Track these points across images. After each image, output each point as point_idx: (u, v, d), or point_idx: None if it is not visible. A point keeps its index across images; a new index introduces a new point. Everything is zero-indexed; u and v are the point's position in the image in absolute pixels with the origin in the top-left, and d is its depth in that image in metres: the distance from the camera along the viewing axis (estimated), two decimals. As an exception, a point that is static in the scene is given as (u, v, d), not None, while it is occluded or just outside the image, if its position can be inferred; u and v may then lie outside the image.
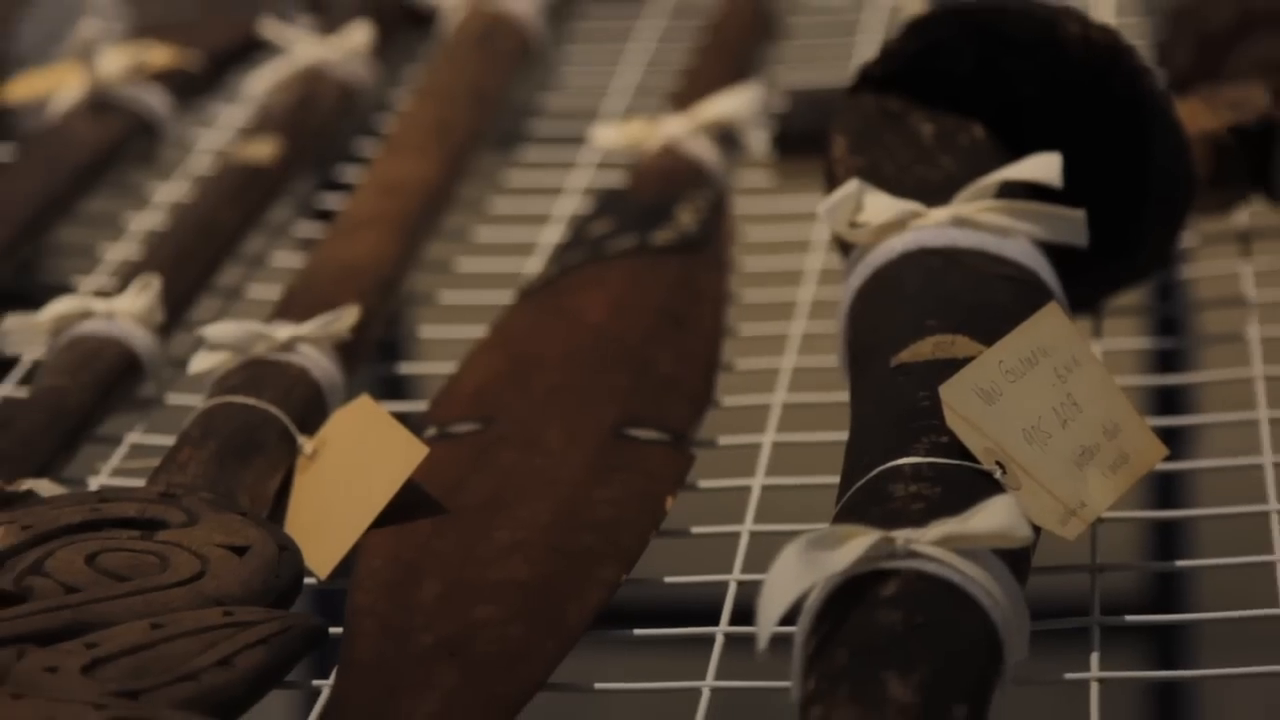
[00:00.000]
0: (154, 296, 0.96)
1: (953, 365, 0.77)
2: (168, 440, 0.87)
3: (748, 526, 0.85)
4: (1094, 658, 0.71)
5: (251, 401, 0.91)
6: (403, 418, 0.90)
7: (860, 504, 0.72)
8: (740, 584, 0.79)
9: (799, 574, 0.64)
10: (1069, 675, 0.70)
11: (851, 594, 0.65)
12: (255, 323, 0.96)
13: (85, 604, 0.71)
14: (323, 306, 0.99)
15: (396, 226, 1.15)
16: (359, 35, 1.35)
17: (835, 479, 0.75)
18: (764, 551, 0.69)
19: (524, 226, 1.22)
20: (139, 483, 0.86)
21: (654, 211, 1.16)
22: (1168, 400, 1.45)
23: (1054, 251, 0.91)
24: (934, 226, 0.88)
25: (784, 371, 1.01)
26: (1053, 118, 0.98)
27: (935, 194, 0.91)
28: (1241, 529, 0.86)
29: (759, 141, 1.26)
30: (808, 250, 1.12)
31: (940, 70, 0.98)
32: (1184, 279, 1.15)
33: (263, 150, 1.22)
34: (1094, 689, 0.69)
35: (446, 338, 1.08)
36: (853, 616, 0.65)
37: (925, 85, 0.99)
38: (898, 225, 0.88)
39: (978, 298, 0.85)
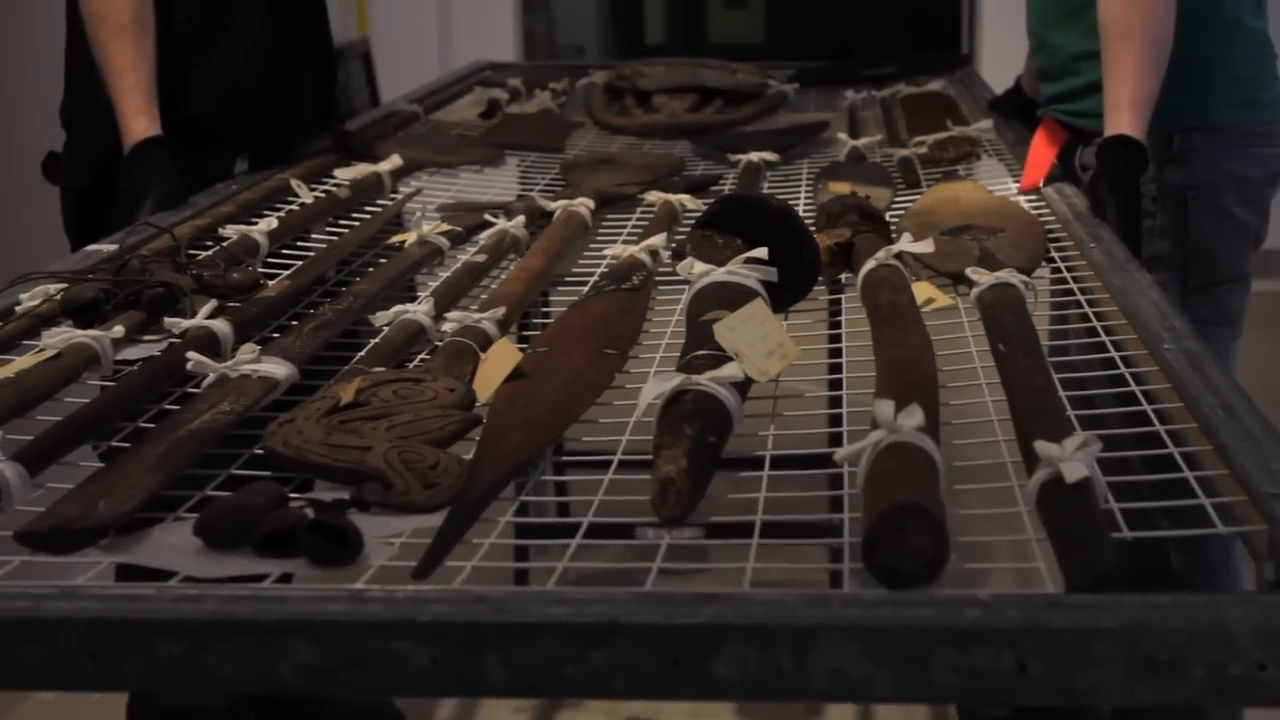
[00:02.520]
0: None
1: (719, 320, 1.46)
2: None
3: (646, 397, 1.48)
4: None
5: (461, 340, 1.60)
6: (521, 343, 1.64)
7: (685, 365, 1.39)
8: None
9: (657, 387, 1.30)
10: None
11: (675, 399, 1.30)
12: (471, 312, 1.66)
13: (390, 406, 1.39)
14: (495, 304, 1.71)
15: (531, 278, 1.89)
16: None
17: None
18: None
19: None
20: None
21: (624, 277, 1.84)
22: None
23: (769, 288, 1.61)
24: (720, 273, 1.61)
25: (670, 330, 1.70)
26: (768, 235, 1.67)
27: (721, 263, 1.65)
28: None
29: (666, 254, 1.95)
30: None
31: (726, 218, 1.72)
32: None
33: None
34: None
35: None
36: (674, 407, 1.29)
37: (720, 224, 1.73)
38: (705, 273, 1.63)
39: (734, 297, 1.56)
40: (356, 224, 2.25)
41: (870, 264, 1.73)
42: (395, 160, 2.49)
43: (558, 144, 2.86)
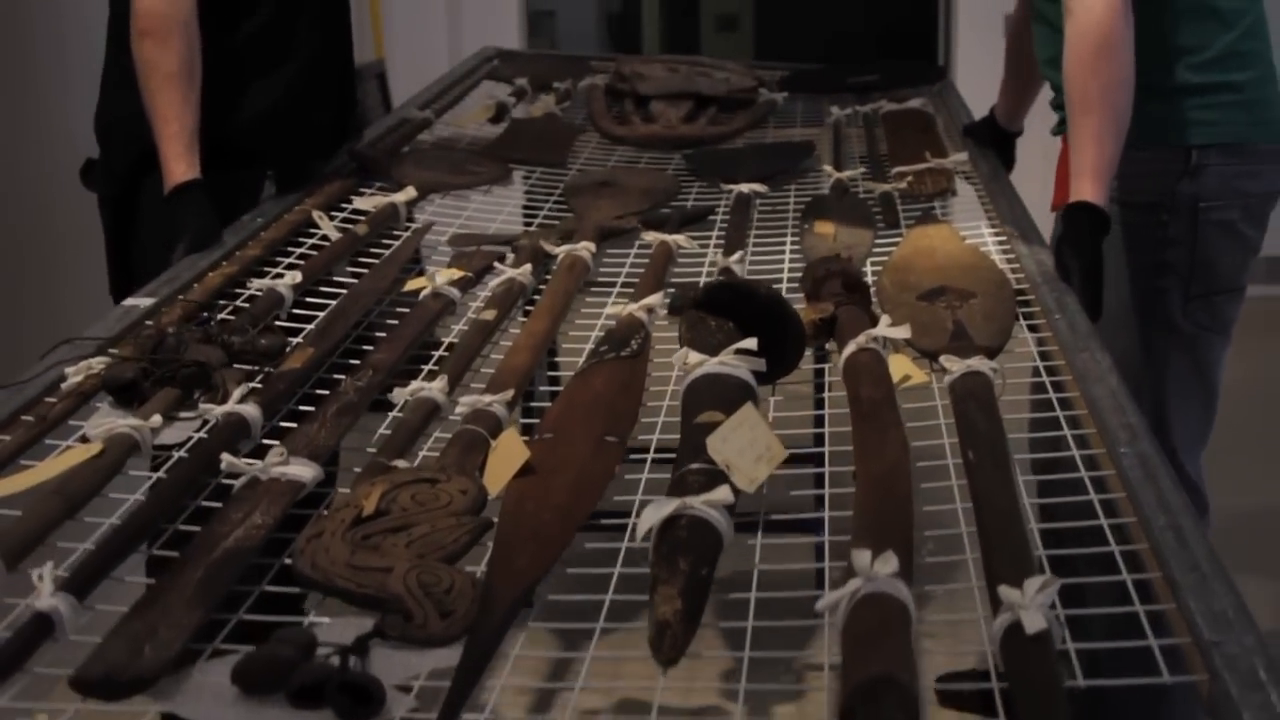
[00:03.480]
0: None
1: (714, 425, 1.48)
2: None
3: (640, 494, 1.54)
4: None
5: (473, 428, 1.62)
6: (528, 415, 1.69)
7: (679, 479, 1.41)
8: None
9: (655, 513, 1.31)
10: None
11: (670, 521, 1.32)
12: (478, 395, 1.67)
13: (408, 516, 1.42)
14: (503, 378, 1.74)
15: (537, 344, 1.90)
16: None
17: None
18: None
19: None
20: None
21: (623, 340, 1.87)
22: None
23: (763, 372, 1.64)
24: (713, 364, 1.63)
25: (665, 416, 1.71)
26: (757, 318, 1.70)
27: (714, 350, 1.66)
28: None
29: (662, 310, 1.98)
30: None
31: (718, 302, 1.74)
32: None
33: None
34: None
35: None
36: (670, 533, 1.31)
37: (712, 307, 1.75)
38: (699, 364, 1.64)
39: (725, 393, 1.59)
40: (376, 259, 2.27)
41: (851, 347, 1.75)
42: (410, 191, 2.50)
43: (561, 159, 2.87)
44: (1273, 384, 3.96)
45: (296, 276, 2.09)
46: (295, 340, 1.93)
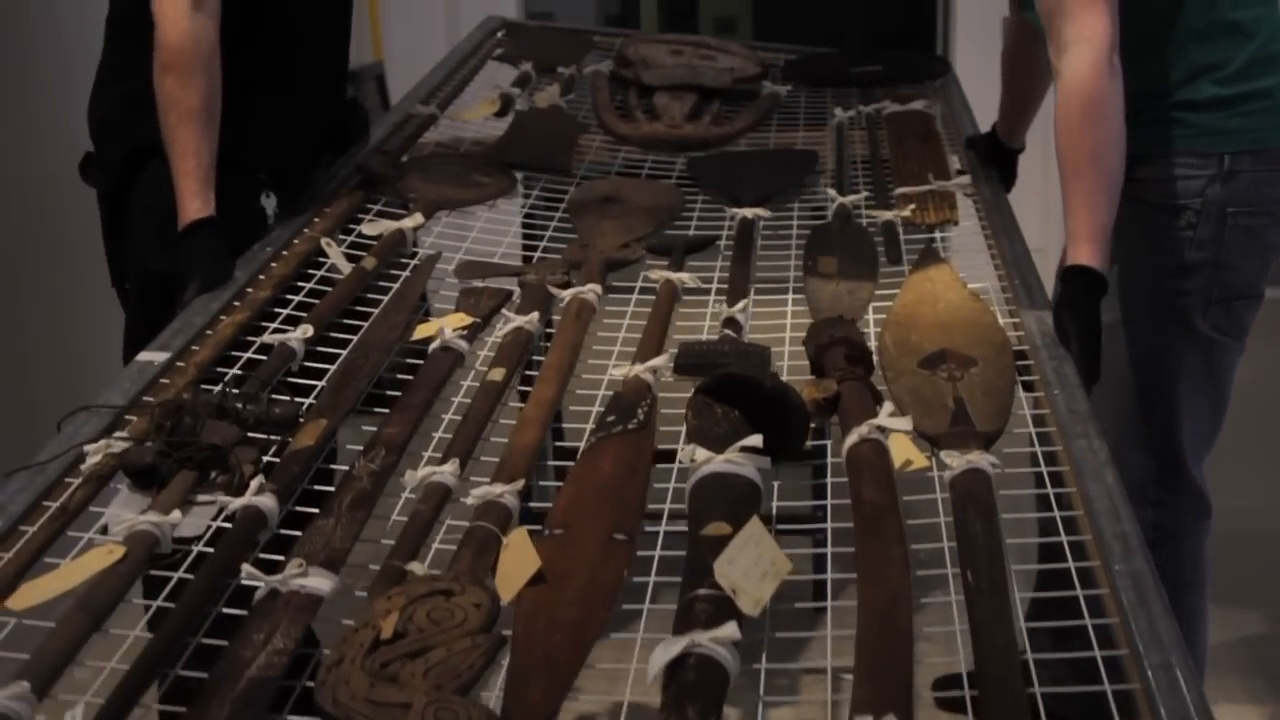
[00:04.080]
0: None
1: (721, 540, 1.51)
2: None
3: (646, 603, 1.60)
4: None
5: (485, 525, 1.66)
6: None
7: (686, 607, 1.43)
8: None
9: (664, 653, 1.35)
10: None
11: (678, 661, 1.34)
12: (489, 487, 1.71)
13: (425, 638, 1.45)
14: (514, 461, 1.79)
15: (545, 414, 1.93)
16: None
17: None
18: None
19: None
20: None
21: (629, 409, 1.90)
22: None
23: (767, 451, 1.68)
24: (719, 462, 1.66)
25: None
26: (763, 408, 1.74)
27: (720, 441, 1.69)
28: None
29: (668, 372, 2.01)
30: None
31: (726, 389, 1.77)
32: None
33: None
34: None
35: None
36: (679, 674, 1.33)
37: (720, 395, 1.77)
38: (706, 461, 1.67)
39: (731, 494, 1.63)
40: (386, 291, 2.30)
41: (854, 437, 1.78)
42: (418, 218, 2.52)
43: (566, 163, 2.88)
44: (1276, 387, 3.98)
45: (308, 330, 2.11)
46: (308, 401, 1.96)
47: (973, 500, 1.67)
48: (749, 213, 2.59)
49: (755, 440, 1.71)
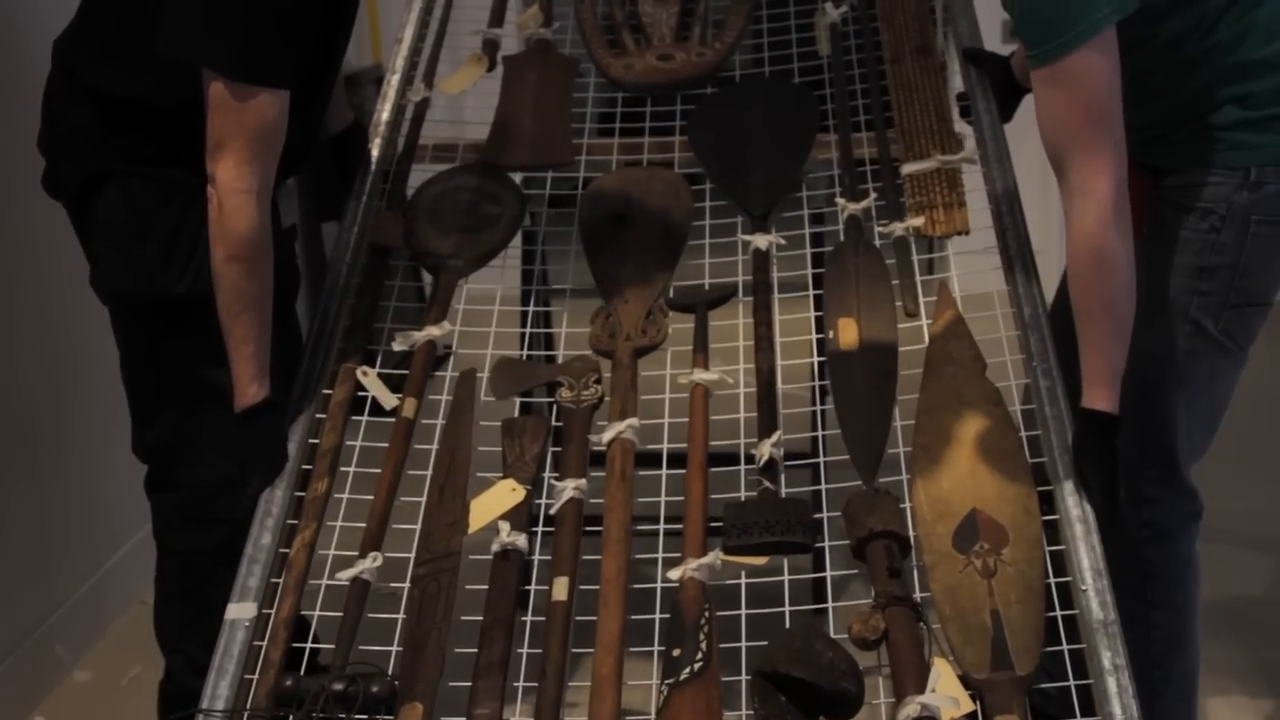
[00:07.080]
0: None
1: None
2: None
3: None
4: None
5: None
6: None
7: None
8: None
9: None
10: None
11: None
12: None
13: None
14: None
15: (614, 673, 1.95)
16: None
17: None
18: None
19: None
20: None
21: (691, 632, 1.95)
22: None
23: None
24: None
25: None
26: (821, 693, 1.82)
27: None
28: None
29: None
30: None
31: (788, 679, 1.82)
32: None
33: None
34: None
35: None
36: None
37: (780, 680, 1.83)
38: None
39: None
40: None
41: (910, 709, 1.89)
42: (445, 326, 2.53)
43: (566, 157, 2.82)
44: (1274, 390, 3.89)
45: (378, 558, 2.18)
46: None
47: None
48: (762, 242, 2.56)
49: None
